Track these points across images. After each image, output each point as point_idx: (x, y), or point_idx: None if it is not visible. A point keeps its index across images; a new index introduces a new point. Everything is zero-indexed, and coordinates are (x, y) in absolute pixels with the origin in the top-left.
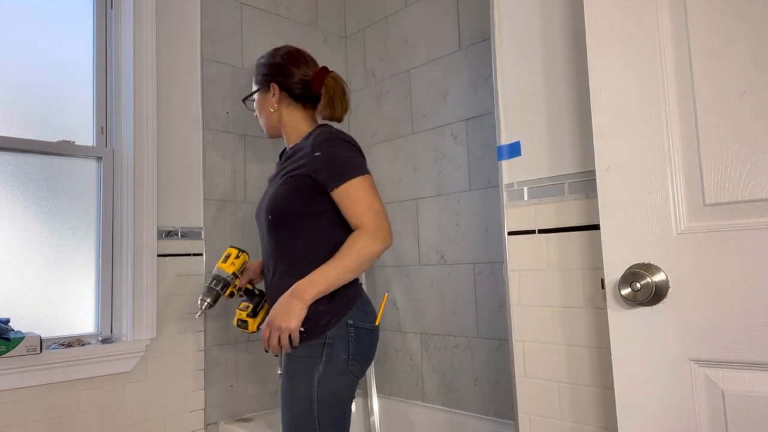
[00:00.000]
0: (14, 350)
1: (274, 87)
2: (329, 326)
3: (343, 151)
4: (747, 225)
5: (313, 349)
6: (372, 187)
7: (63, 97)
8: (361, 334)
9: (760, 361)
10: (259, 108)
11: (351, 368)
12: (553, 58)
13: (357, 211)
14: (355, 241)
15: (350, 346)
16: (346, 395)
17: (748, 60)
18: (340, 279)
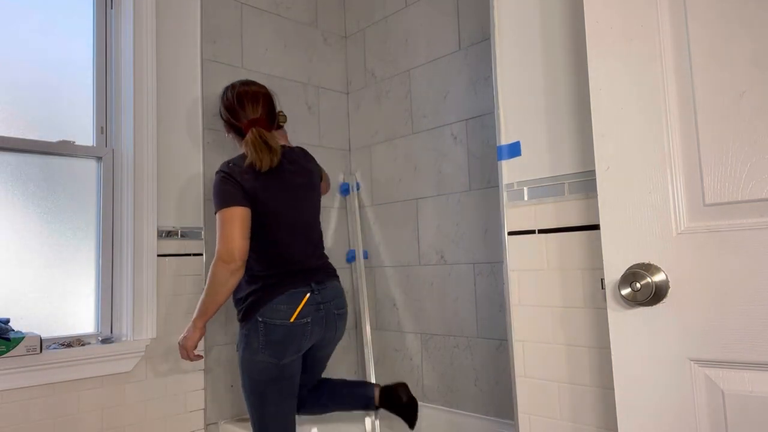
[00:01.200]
0: (14, 350)
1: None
2: (244, 320)
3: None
4: (747, 225)
5: (240, 332)
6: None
7: (63, 97)
8: (270, 328)
9: (760, 361)
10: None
11: (262, 354)
12: (553, 58)
13: (217, 237)
14: (211, 268)
15: (260, 337)
16: (259, 378)
17: (748, 60)
18: (211, 302)
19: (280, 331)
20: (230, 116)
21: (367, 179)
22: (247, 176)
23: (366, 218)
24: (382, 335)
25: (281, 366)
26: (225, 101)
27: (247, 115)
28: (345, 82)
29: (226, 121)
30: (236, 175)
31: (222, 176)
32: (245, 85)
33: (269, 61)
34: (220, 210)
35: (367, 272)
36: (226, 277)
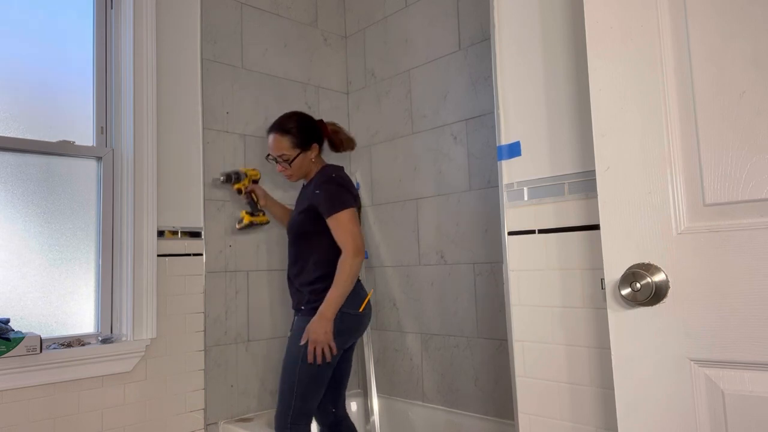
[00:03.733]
0: (14, 350)
1: (315, 147)
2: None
3: (339, 188)
4: (747, 225)
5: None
6: (352, 216)
7: (63, 97)
8: (345, 318)
9: (760, 361)
10: (300, 163)
11: (334, 342)
12: (553, 58)
13: (340, 239)
14: (340, 265)
15: (336, 325)
16: (323, 365)
17: (748, 60)
18: (343, 295)
19: (353, 320)
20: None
21: (367, 179)
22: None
23: (366, 218)
24: (382, 335)
25: (339, 354)
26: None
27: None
28: (345, 82)
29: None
30: (346, 182)
31: (339, 182)
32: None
33: (269, 61)
34: (343, 210)
35: (367, 272)
36: (358, 269)
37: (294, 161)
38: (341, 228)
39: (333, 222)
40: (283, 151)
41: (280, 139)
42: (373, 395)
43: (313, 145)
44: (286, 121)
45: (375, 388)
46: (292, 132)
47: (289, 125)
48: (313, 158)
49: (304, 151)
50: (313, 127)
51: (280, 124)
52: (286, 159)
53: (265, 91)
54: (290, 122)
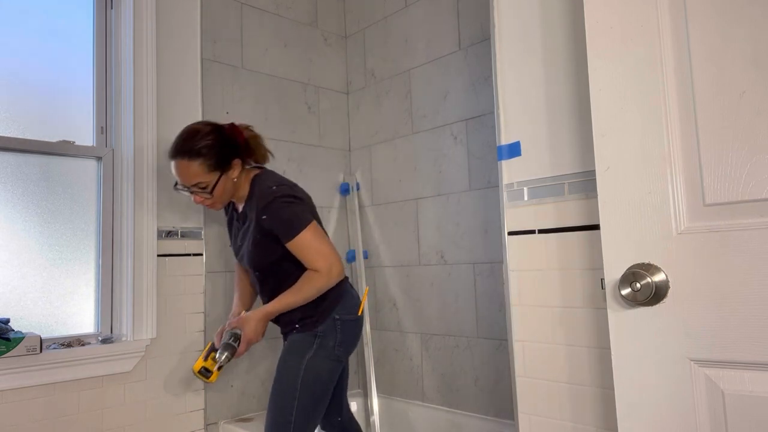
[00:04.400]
0: (14, 350)
1: (236, 163)
2: (318, 324)
3: (280, 207)
4: (747, 225)
5: (308, 338)
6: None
7: (63, 97)
8: (345, 325)
9: (760, 361)
10: (223, 188)
11: (337, 353)
12: (553, 58)
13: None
14: (312, 278)
15: (337, 336)
16: (327, 378)
17: (748, 60)
18: (297, 304)
19: (354, 325)
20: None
21: (367, 179)
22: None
23: (366, 218)
24: (382, 335)
25: (342, 364)
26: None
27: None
28: (345, 82)
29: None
30: (290, 190)
31: (283, 195)
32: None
33: (269, 61)
34: (301, 230)
35: (367, 272)
36: (325, 287)
37: (216, 188)
38: (306, 250)
39: (294, 246)
40: (198, 179)
41: (190, 165)
42: (373, 395)
43: (234, 162)
44: (192, 139)
45: (375, 388)
46: (204, 153)
47: (197, 145)
48: (236, 176)
49: (224, 172)
50: (227, 139)
51: (184, 145)
52: (204, 187)
53: (265, 91)
54: (197, 140)
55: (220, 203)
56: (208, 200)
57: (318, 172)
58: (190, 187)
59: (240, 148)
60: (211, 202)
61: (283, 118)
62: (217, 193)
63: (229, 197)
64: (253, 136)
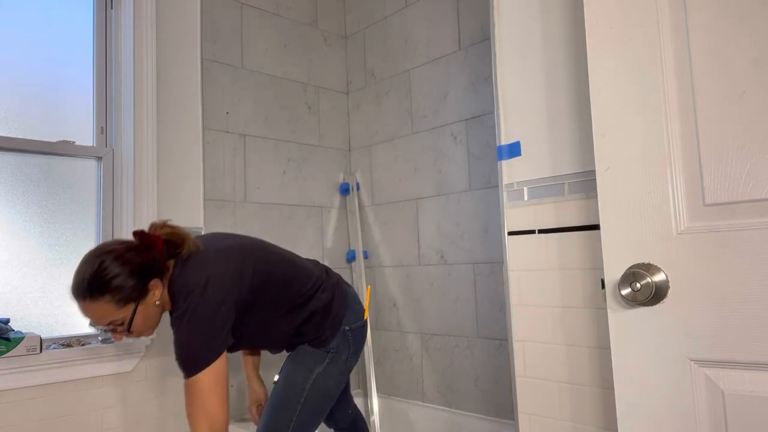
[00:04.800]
0: (14, 350)
1: (154, 285)
2: (329, 340)
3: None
4: (747, 225)
5: (319, 352)
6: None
7: (63, 97)
8: (356, 334)
9: (760, 361)
10: (144, 317)
11: (349, 364)
12: (553, 58)
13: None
14: None
15: (350, 348)
16: (334, 391)
17: (748, 60)
18: None
19: (363, 330)
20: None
21: (367, 179)
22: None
23: (366, 218)
24: (382, 335)
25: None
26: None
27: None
28: (345, 82)
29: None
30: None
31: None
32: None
33: (269, 61)
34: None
35: (367, 272)
36: None
37: (134, 322)
38: (191, 397)
39: (188, 384)
40: (109, 318)
41: (95, 306)
42: (373, 395)
43: (152, 284)
44: (92, 275)
45: (375, 388)
46: (108, 289)
47: (99, 281)
48: (159, 297)
49: (141, 301)
50: (138, 260)
51: (83, 284)
52: (121, 323)
53: (265, 91)
54: (98, 275)
55: (148, 331)
56: (131, 334)
57: (318, 172)
58: (105, 325)
59: (157, 264)
60: (136, 334)
61: (283, 118)
62: (138, 326)
63: (157, 321)
64: (172, 232)
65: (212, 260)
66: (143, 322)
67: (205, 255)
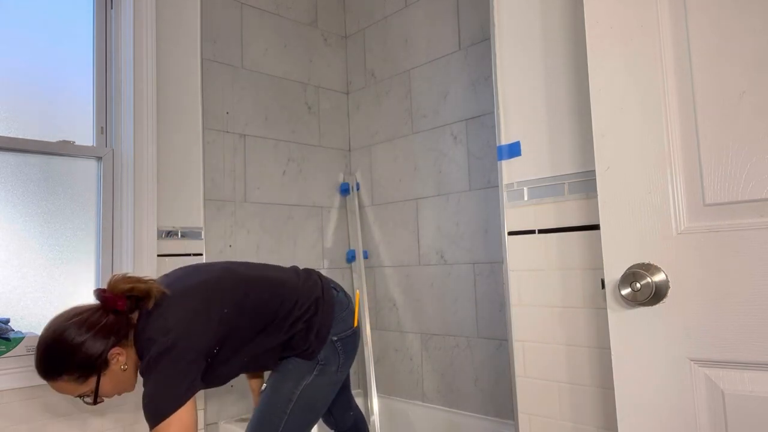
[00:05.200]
0: (14, 350)
1: (116, 352)
2: (317, 352)
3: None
4: (747, 225)
5: (307, 364)
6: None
7: (63, 97)
8: (346, 343)
9: (760, 361)
10: (113, 383)
11: (338, 374)
12: (553, 58)
13: None
14: None
15: (339, 359)
16: (322, 403)
17: (748, 60)
18: None
19: (353, 339)
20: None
21: (367, 179)
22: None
23: (366, 218)
24: (382, 335)
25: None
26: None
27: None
28: (345, 82)
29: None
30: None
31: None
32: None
33: (269, 61)
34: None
35: (367, 272)
36: None
37: (102, 391)
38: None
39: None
40: (75, 393)
41: (57, 385)
42: (373, 395)
43: (113, 353)
44: (47, 357)
45: (375, 388)
46: (63, 370)
47: (52, 363)
48: (125, 362)
49: (102, 372)
50: (94, 332)
51: (41, 365)
52: (90, 393)
53: (265, 91)
54: (52, 356)
55: (126, 390)
56: (102, 400)
57: (318, 172)
58: (76, 397)
59: (120, 326)
60: (111, 396)
61: (283, 118)
62: (108, 392)
63: (132, 379)
64: (135, 286)
65: (175, 307)
66: (113, 387)
67: (168, 302)
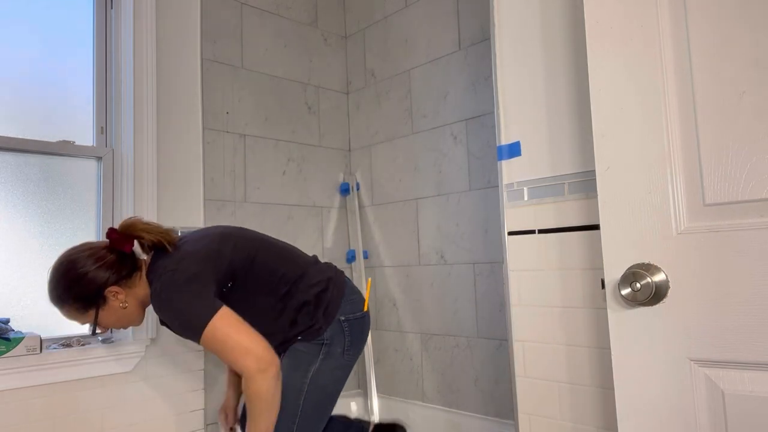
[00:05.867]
0: (14, 350)
1: (113, 290)
2: (323, 330)
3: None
4: (747, 225)
5: (313, 347)
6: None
7: (63, 97)
8: (353, 325)
9: (760, 361)
10: (115, 317)
11: (346, 358)
12: (553, 58)
13: (228, 360)
14: (252, 393)
15: (345, 339)
16: (334, 389)
17: (748, 60)
18: (271, 421)
19: (362, 323)
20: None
21: (367, 179)
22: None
23: (366, 218)
24: (382, 335)
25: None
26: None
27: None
28: (345, 82)
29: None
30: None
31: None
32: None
33: (269, 61)
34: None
35: (367, 272)
36: (273, 386)
37: (98, 323)
38: (220, 345)
39: (207, 342)
40: (75, 320)
41: (61, 310)
42: (373, 395)
43: (109, 291)
44: (52, 284)
45: (375, 388)
46: (63, 299)
47: (57, 293)
48: (124, 301)
49: (99, 308)
50: (96, 271)
51: (48, 291)
52: (90, 323)
53: (265, 91)
54: (57, 285)
55: (131, 324)
56: (105, 331)
57: (318, 172)
58: (83, 324)
59: (120, 267)
60: (116, 328)
61: (283, 118)
62: (107, 322)
63: (135, 315)
64: (144, 236)
65: (190, 244)
66: (115, 321)
67: (183, 245)
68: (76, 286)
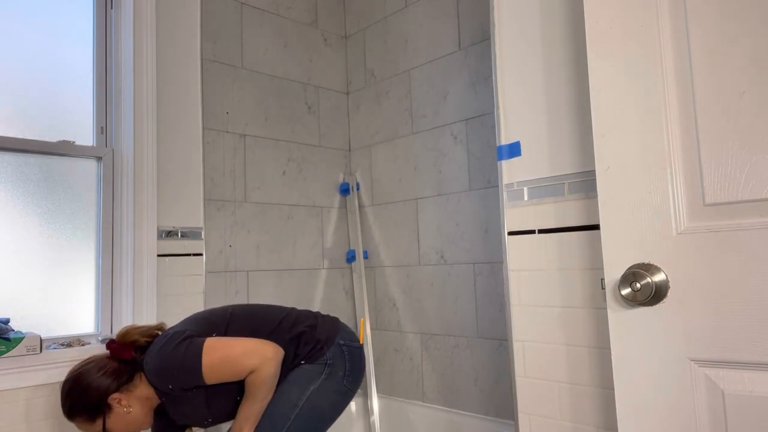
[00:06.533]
0: (14, 350)
1: (115, 398)
2: (325, 349)
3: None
4: (747, 225)
5: (316, 366)
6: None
7: (63, 97)
8: (353, 353)
9: (760, 361)
10: (124, 423)
11: (346, 384)
12: (553, 58)
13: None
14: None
15: (346, 364)
16: (328, 415)
17: (748, 60)
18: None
19: (359, 353)
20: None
21: (367, 179)
22: None
23: (366, 218)
24: (382, 335)
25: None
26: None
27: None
28: (345, 82)
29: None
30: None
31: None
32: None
33: (269, 61)
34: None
35: (367, 272)
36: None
37: (108, 429)
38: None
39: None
40: (92, 430)
41: (77, 425)
42: (373, 395)
43: (112, 398)
44: (62, 402)
45: (375, 388)
46: (73, 412)
47: (66, 408)
48: (127, 404)
49: (108, 414)
50: (99, 380)
51: (62, 408)
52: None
53: (265, 91)
54: (64, 403)
55: (141, 427)
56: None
57: (318, 172)
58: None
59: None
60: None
61: (283, 118)
62: (118, 428)
63: (144, 417)
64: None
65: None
66: (124, 426)
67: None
68: (81, 399)
